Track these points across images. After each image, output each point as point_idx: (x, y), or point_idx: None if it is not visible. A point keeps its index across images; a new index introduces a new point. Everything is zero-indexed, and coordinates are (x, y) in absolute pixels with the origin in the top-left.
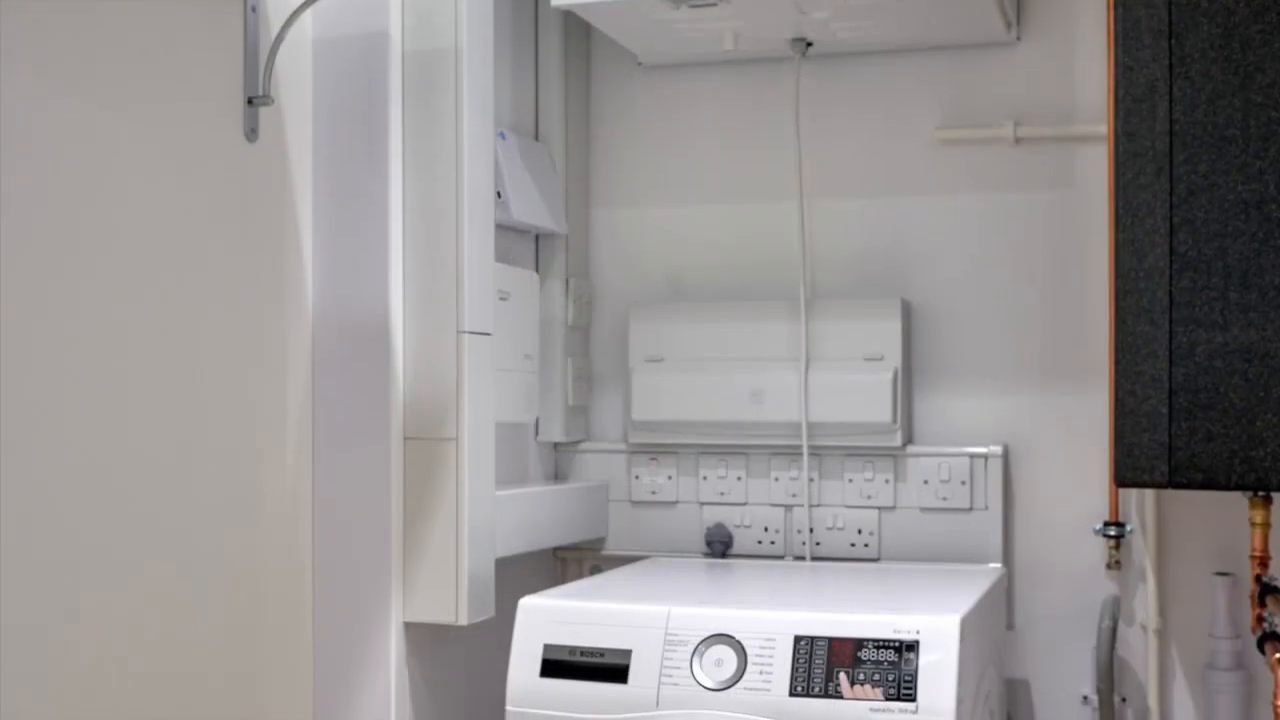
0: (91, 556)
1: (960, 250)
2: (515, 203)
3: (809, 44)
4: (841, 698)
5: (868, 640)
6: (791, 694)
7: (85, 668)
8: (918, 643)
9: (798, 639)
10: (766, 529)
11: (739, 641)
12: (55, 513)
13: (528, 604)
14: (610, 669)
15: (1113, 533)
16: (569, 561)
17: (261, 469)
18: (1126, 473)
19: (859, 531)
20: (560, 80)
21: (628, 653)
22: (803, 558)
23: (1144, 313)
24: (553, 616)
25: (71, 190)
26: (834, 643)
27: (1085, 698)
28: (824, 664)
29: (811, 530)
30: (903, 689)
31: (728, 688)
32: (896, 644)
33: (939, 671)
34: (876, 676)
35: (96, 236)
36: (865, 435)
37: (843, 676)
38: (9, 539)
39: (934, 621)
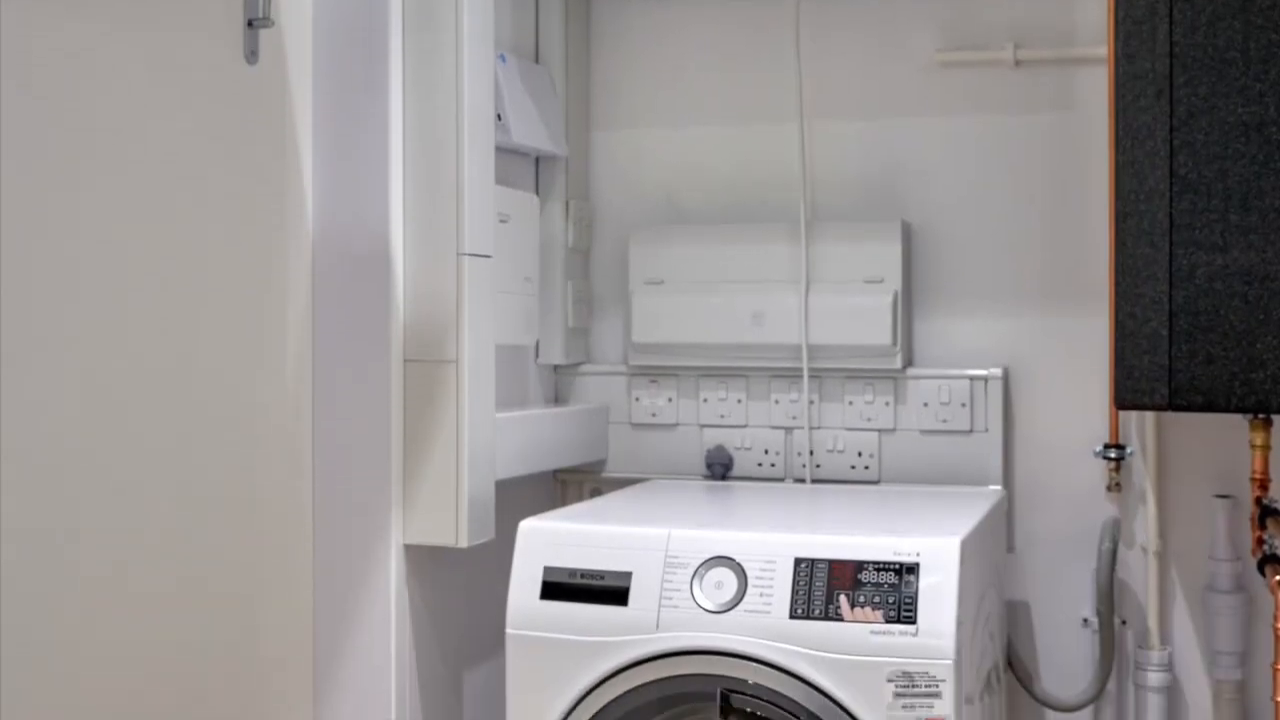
0: (92, 477)
1: (960, 173)
2: (515, 125)
3: None
4: (842, 620)
5: (868, 563)
6: (792, 616)
7: (84, 586)
8: (918, 565)
9: (798, 561)
10: (767, 451)
11: (739, 564)
12: (56, 434)
13: (528, 526)
14: (610, 591)
15: (1113, 455)
16: (569, 484)
17: (262, 392)
18: (1127, 395)
19: (859, 454)
20: (560, 2)
21: (628, 575)
22: (803, 480)
23: (1144, 235)
24: (553, 539)
25: (71, 114)
26: (834, 565)
27: (1085, 620)
28: (824, 586)
29: (812, 453)
30: (903, 611)
31: (728, 610)
32: (896, 566)
33: (939, 594)
34: (877, 599)
35: (96, 160)
36: (865, 358)
37: (843, 599)
38: (10, 458)
39: (934, 544)
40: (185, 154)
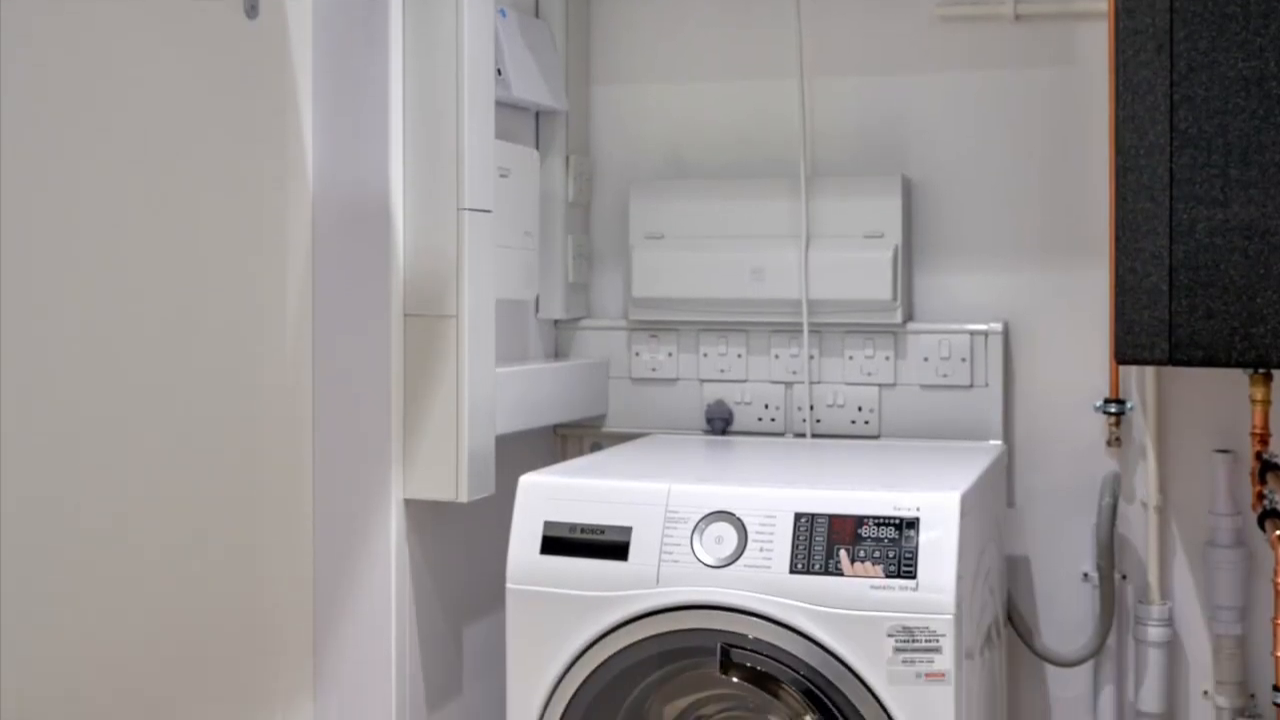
0: (92, 430)
1: (960, 127)
2: (515, 80)
3: None
4: (842, 575)
5: (868, 517)
6: (792, 571)
7: (84, 539)
8: (918, 520)
9: (798, 516)
10: (767, 406)
11: (739, 519)
12: (57, 387)
13: (528, 481)
14: (610, 546)
15: (1113, 410)
16: (569, 439)
17: (262, 346)
18: (1127, 350)
19: (859, 409)
20: None
21: (628, 530)
22: (803, 435)
23: (1144, 190)
24: (553, 494)
25: (69, 70)
26: (834, 520)
27: (1085, 574)
28: (824, 541)
29: (812, 407)
30: (903, 566)
31: (728, 565)
32: (897, 521)
33: (939, 548)
34: (877, 554)
35: (95, 116)
36: (865, 312)
37: (843, 554)
38: (10, 412)
39: (934, 498)
40: (184, 109)
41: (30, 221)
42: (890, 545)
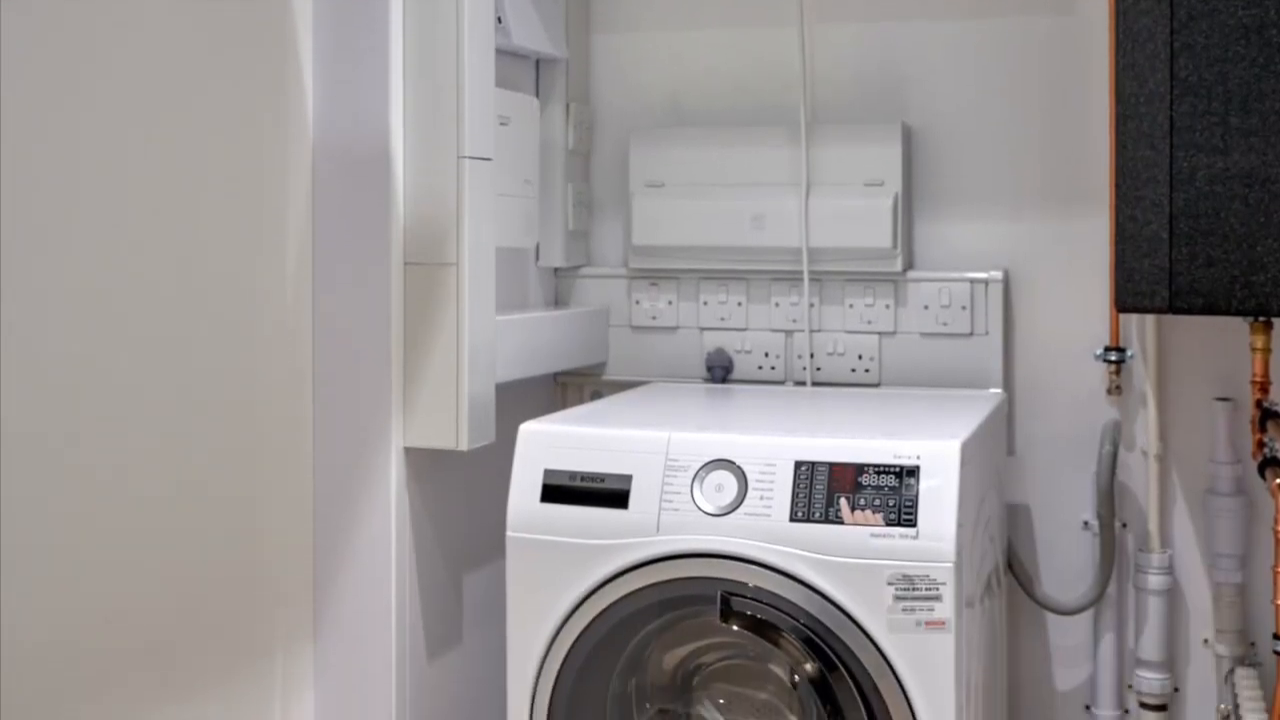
0: (92, 376)
1: (961, 75)
2: (515, 27)
3: None
4: (842, 523)
5: (868, 465)
6: (792, 519)
7: (84, 488)
8: (918, 468)
9: (798, 464)
10: (767, 354)
11: (739, 467)
12: (55, 336)
13: (528, 429)
14: (611, 494)
15: (1113, 358)
16: (569, 387)
17: (262, 295)
18: (1127, 298)
19: (859, 357)
20: None
21: (628, 478)
22: (803, 383)
23: (1144, 138)
24: (553, 442)
25: (71, 19)
26: (834, 468)
27: (1085, 523)
28: (824, 489)
29: (812, 356)
30: (903, 514)
31: (728, 513)
32: (897, 469)
33: (939, 497)
34: (877, 502)
35: (95, 63)
36: (866, 260)
37: (843, 502)
38: (9, 359)
39: (934, 447)
40: (184, 55)
41: (30, 167)
42: (890, 493)
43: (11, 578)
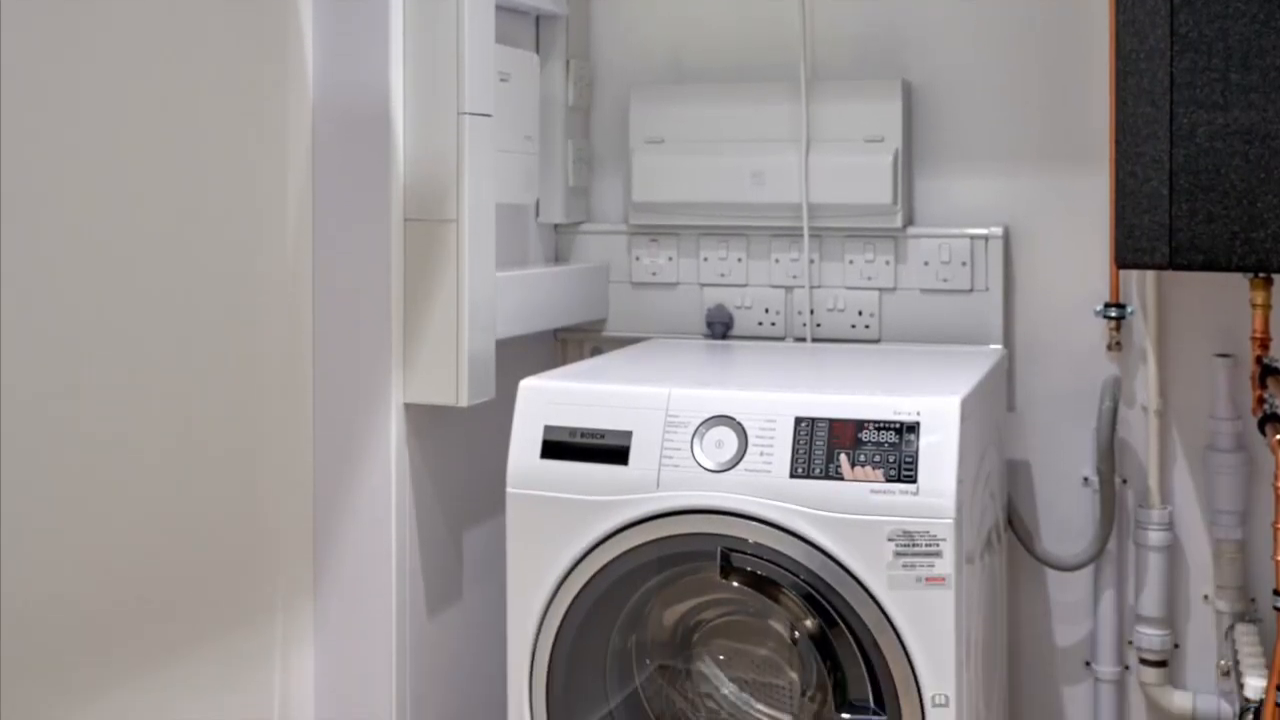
0: (92, 333)
1: (961, 31)
2: None
3: None
4: (842, 479)
5: (868, 422)
6: (792, 475)
7: (85, 444)
8: (918, 424)
9: (798, 420)
10: (767, 310)
11: (739, 423)
12: (56, 293)
13: (528, 385)
14: (611, 450)
15: (1113, 314)
16: (569, 343)
17: (262, 251)
18: (1127, 254)
19: (859, 313)
20: None
21: (628, 434)
22: (803, 339)
23: (1144, 94)
24: (553, 398)
25: None
26: (834, 424)
27: (1086, 479)
28: (824, 445)
29: (812, 312)
30: (903, 470)
31: (728, 469)
32: (897, 425)
33: (939, 453)
34: (877, 458)
35: (94, 19)
36: (866, 217)
37: (843, 458)
38: (9, 315)
39: (935, 403)
40: (185, 13)
41: (29, 128)
42: (890, 449)
43: (12, 535)
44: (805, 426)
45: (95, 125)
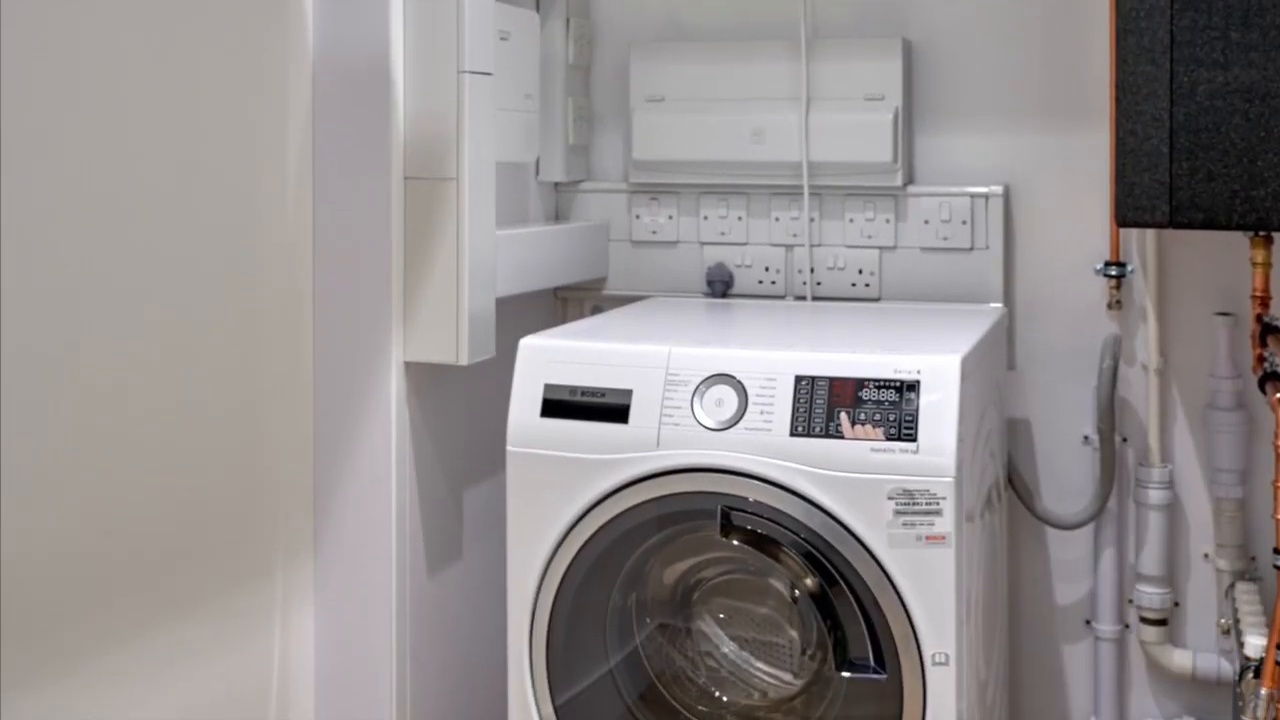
0: (92, 287)
1: None
2: None
3: None
4: (842, 437)
5: (868, 380)
6: (792, 434)
7: (84, 403)
8: (918, 383)
9: (798, 379)
10: (767, 269)
11: (740, 381)
12: (56, 249)
13: (528, 344)
14: (611, 409)
15: (1114, 272)
16: (569, 301)
17: (263, 209)
18: (1128, 212)
19: (860, 271)
20: None
21: (628, 393)
22: (803, 298)
23: (1145, 52)
24: (553, 356)
25: None
26: (835, 383)
27: (1086, 437)
28: (825, 404)
29: (812, 270)
30: (903, 429)
31: (728, 428)
32: (897, 384)
33: (939, 411)
34: (877, 416)
35: None
36: (866, 175)
37: (843, 416)
38: (9, 267)
39: (935, 361)
40: None
41: (30, 80)
42: (891, 408)
43: (12, 491)
44: (805, 385)
45: (95, 80)
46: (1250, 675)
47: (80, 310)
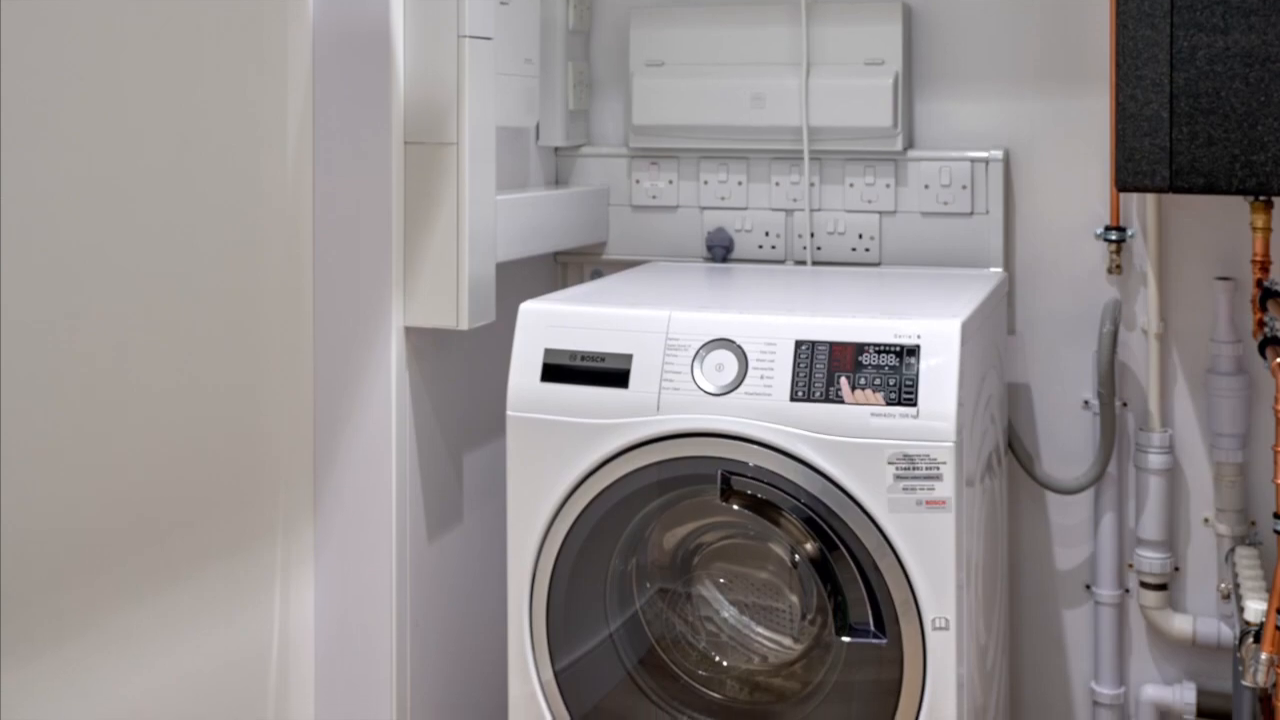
0: (92, 257)
1: None
2: None
3: None
4: (842, 402)
5: (869, 345)
6: (792, 399)
7: (86, 368)
8: (919, 347)
9: (798, 343)
10: (767, 233)
11: (740, 346)
12: (55, 220)
13: (528, 308)
14: (611, 373)
15: (1114, 237)
16: (569, 266)
17: (262, 175)
18: (1128, 177)
19: (860, 236)
20: None
21: (628, 357)
22: (803, 262)
23: (1145, 17)
24: (553, 321)
25: None
26: (835, 347)
27: (1086, 402)
28: (825, 368)
29: (812, 235)
30: (903, 393)
31: (728, 392)
32: (897, 348)
33: (940, 376)
34: (877, 381)
35: None
36: (866, 139)
37: (843, 381)
38: (10, 239)
39: (935, 326)
40: None
41: (27, 55)
42: (891, 373)
43: (14, 460)
44: (805, 349)
45: (95, 50)
46: (1250, 640)
47: (82, 280)
